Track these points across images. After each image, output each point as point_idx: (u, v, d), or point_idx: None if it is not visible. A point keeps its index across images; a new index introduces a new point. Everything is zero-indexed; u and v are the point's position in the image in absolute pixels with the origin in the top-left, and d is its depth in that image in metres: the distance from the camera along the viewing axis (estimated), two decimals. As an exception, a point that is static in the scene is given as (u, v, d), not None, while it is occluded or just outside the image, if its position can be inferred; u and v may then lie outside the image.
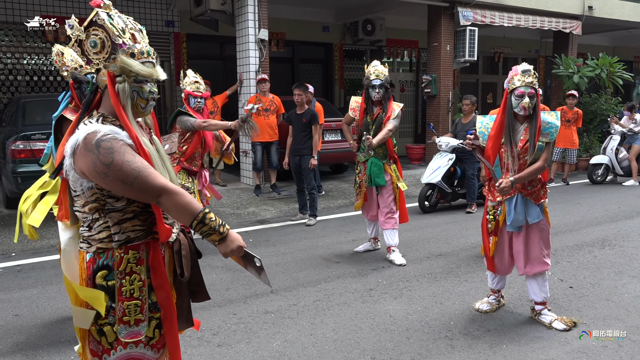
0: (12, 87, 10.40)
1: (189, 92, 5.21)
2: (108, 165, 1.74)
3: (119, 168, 1.75)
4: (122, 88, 1.87)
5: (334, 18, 13.23)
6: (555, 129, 3.53)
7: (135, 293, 1.90)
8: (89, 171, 1.77)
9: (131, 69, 1.87)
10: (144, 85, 1.92)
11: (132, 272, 1.89)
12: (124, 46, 1.87)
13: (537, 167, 3.49)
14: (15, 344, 3.47)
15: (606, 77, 11.64)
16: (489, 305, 3.93)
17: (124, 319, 1.89)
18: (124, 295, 1.89)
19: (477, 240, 5.91)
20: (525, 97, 3.45)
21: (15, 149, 6.59)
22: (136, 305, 1.90)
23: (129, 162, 1.76)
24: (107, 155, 1.75)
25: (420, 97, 14.80)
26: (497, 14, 11.67)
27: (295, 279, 4.67)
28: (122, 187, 1.78)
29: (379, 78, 4.97)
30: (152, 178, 1.79)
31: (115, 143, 1.78)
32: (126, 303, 1.89)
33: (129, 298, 1.89)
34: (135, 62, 1.88)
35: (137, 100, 1.92)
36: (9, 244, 5.87)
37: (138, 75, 1.89)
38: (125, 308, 1.88)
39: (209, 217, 1.85)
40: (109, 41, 1.86)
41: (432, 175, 7.35)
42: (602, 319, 3.73)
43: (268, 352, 3.31)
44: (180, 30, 11.23)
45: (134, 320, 1.90)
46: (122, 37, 1.87)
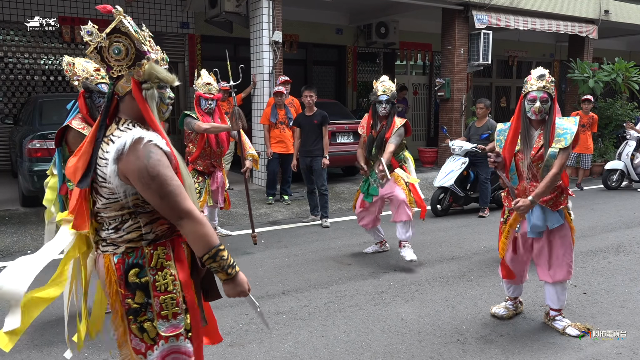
0: (29, 87, 10.55)
1: (200, 94, 5.25)
2: (153, 178, 1.78)
3: (161, 182, 1.78)
4: (151, 94, 1.90)
5: (347, 20, 13.26)
6: (571, 135, 3.43)
7: (169, 287, 1.92)
8: (133, 178, 1.79)
9: (158, 75, 1.90)
10: (164, 91, 1.96)
11: (162, 267, 1.92)
12: (149, 53, 1.90)
13: (552, 176, 3.38)
14: (31, 340, 3.52)
15: (622, 82, 11.52)
16: (505, 310, 3.86)
17: (162, 314, 1.91)
18: (159, 290, 1.91)
19: (489, 245, 5.88)
20: (537, 102, 3.41)
21: (32, 147, 6.68)
22: (172, 298, 1.92)
23: (170, 178, 1.81)
24: (155, 168, 1.78)
25: (433, 100, 14.76)
26: (512, 17, 11.60)
27: (307, 281, 4.68)
28: (155, 200, 1.82)
29: (386, 94, 4.99)
30: (182, 199, 1.83)
31: (162, 155, 1.82)
32: (162, 297, 1.91)
33: (164, 292, 1.92)
34: (161, 69, 1.92)
35: (160, 106, 1.96)
36: (25, 242, 5.95)
37: (162, 81, 1.92)
38: (162, 302, 1.91)
39: (221, 255, 1.87)
40: (133, 48, 1.87)
41: (445, 179, 7.33)
42: (616, 326, 3.69)
43: (279, 352, 3.32)
44: (195, 31, 11.32)
45: (171, 314, 1.92)
46: (146, 44, 1.90)
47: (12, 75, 10.42)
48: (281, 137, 7.86)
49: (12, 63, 10.38)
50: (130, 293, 1.90)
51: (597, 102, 11.55)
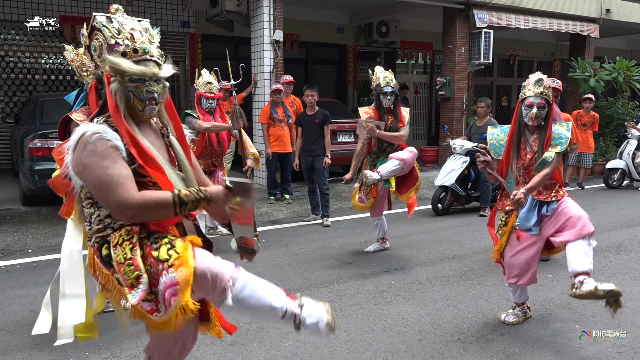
0: (30, 86, 10.56)
1: (201, 93, 5.25)
2: (85, 167, 1.79)
3: (92, 171, 1.78)
4: (113, 88, 1.89)
5: (348, 19, 13.25)
6: (566, 140, 3.46)
7: (127, 254, 1.87)
8: (74, 169, 1.84)
9: (119, 68, 1.86)
10: (140, 85, 1.90)
11: (123, 241, 1.89)
12: (118, 46, 1.88)
13: (544, 174, 3.40)
14: (32, 338, 3.52)
15: (623, 81, 11.50)
16: (515, 317, 3.77)
17: (128, 284, 1.85)
18: (120, 263, 1.87)
19: (490, 244, 5.84)
20: (534, 108, 3.41)
21: (32, 147, 6.69)
22: (129, 265, 1.86)
23: (105, 168, 1.78)
24: (88, 157, 1.79)
25: (434, 99, 14.75)
26: (513, 16, 11.59)
27: (308, 280, 4.68)
28: (95, 192, 1.83)
29: (390, 85, 4.99)
30: (120, 189, 1.78)
31: (101, 145, 1.80)
32: (122, 269, 1.86)
33: (123, 263, 1.87)
34: (123, 61, 1.87)
35: (134, 101, 1.91)
36: (26, 241, 5.95)
37: (129, 74, 1.88)
38: (124, 274, 1.86)
39: (184, 195, 1.85)
40: (105, 43, 1.88)
41: (446, 178, 7.32)
42: (617, 325, 3.68)
43: (280, 351, 3.32)
44: (196, 31, 11.33)
45: (134, 279, 1.85)
46: (115, 37, 1.88)
47: (13, 75, 10.42)
48: (279, 136, 7.84)
49: (13, 62, 10.39)
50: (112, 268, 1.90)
51: (598, 101, 11.54)
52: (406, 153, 5.00)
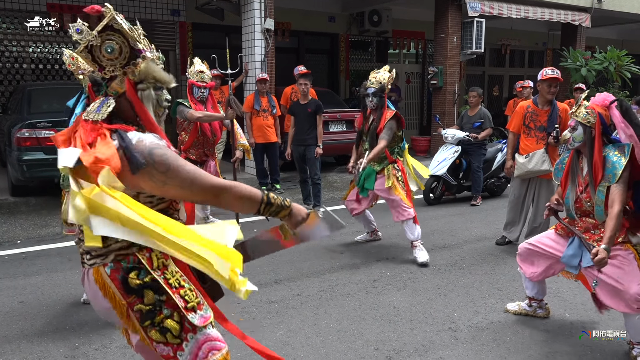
0: (17, 75, 10.42)
1: (193, 82, 5.20)
2: (165, 173, 1.69)
3: (176, 174, 1.71)
4: (147, 95, 1.81)
5: (340, 8, 13.16)
6: (620, 169, 2.89)
7: (181, 282, 1.86)
8: (143, 181, 1.70)
9: (155, 75, 1.81)
10: (160, 92, 1.87)
11: (165, 265, 1.84)
12: (143, 52, 1.80)
13: (615, 215, 2.84)
14: (21, 330, 3.49)
15: (614, 71, 11.56)
16: (517, 307, 3.72)
17: (188, 307, 1.82)
18: (174, 286, 1.83)
19: (481, 233, 5.90)
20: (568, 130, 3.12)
21: (20, 136, 6.61)
22: (190, 290, 1.86)
23: (183, 166, 1.73)
24: (163, 163, 1.69)
25: (426, 88, 14.74)
26: (505, 5, 11.57)
27: (299, 270, 4.67)
28: (180, 192, 1.75)
29: (373, 86, 4.78)
30: (207, 179, 1.77)
31: (166, 149, 1.73)
32: (182, 292, 1.83)
33: (180, 287, 1.84)
34: (159, 69, 1.83)
35: (156, 109, 1.87)
36: (15, 232, 5.90)
37: (159, 82, 1.83)
38: (184, 296, 1.83)
39: (272, 196, 1.88)
40: (127, 46, 1.77)
41: (438, 167, 7.33)
42: (607, 314, 3.70)
43: (272, 341, 3.31)
44: (186, 19, 11.20)
45: (196, 304, 1.85)
46: (140, 42, 1.80)
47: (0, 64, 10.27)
48: (260, 125, 7.79)
49: (0, 51, 10.23)
50: (138, 297, 1.77)
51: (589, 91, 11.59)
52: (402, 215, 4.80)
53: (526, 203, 5.25)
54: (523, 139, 5.09)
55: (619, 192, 2.89)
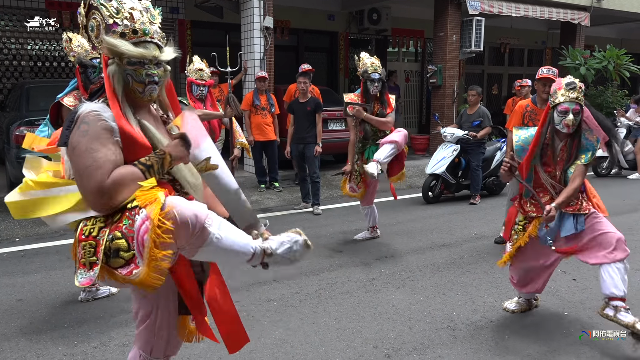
0: (15, 73, 10.39)
1: (192, 80, 5.19)
2: (74, 149, 1.72)
3: (79, 154, 1.71)
4: (111, 70, 1.81)
5: (339, 6, 13.14)
6: (592, 153, 3.21)
7: (94, 233, 1.76)
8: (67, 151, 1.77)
9: (116, 50, 1.79)
10: (139, 67, 1.83)
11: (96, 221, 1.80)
12: (116, 26, 1.79)
13: (574, 187, 3.15)
14: (19, 328, 3.49)
15: (613, 70, 11.56)
16: (517, 305, 3.75)
17: (81, 262, 1.75)
18: (83, 234, 1.77)
19: (480, 232, 5.90)
20: (570, 114, 3.16)
21: (19, 134, 6.59)
22: (91, 245, 1.75)
23: (92, 150, 1.70)
24: (79, 138, 1.72)
25: (425, 87, 14.73)
26: (505, 4, 11.56)
27: (298, 267, 4.66)
28: (77, 178, 1.75)
29: (377, 72, 4.94)
30: (99, 172, 1.69)
31: (94, 125, 1.73)
32: (82, 244, 1.76)
33: (86, 238, 1.76)
34: (121, 42, 1.79)
35: (132, 84, 1.84)
36: (13, 229, 5.89)
37: (127, 56, 1.80)
38: (82, 249, 1.75)
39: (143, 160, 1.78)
40: (103, 23, 1.80)
41: (437, 166, 7.33)
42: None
43: (270, 339, 3.31)
44: (185, 17, 11.18)
45: (88, 263, 1.74)
46: (114, 17, 1.79)
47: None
48: (259, 124, 7.79)
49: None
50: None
51: (588, 90, 11.59)
52: (396, 135, 4.92)
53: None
54: None
55: (582, 171, 3.21)
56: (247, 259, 1.84)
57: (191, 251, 1.76)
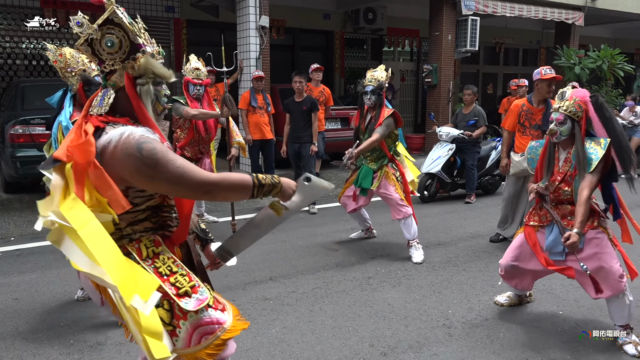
0: (10, 72, 10.35)
1: (189, 79, 5.19)
2: (154, 167, 1.66)
3: (164, 169, 1.67)
4: (146, 90, 1.80)
5: (335, 6, 13.15)
6: (596, 160, 3.08)
7: (173, 268, 1.84)
8: (130, 175, 1.68)
9: (155, 70, 1.80)
10: (160, 88, 1.86)
11: (155, 254, 1.84)
12: (143, 46, 1.79)
13: (585, 200, 3.02)
14: (15, 327, 3.48)
15: (607, 69, 11.62)
16: (507, 299, 3.81)
17: (180, 293, 1.80)
18: (164, 274, 1.82)
19: (475, 230, 5.93)
20: (552, 124, 3.18)
21: (14, 133, 6.58)
22: (181, 275, 1.84)
23: (172, 161, 1.69)
24: (151, 158, 1.66)
25: (420, 86, 14.76)
26: (500, 3, 11.61)
27: (294, 267, 4.68)
28: (169, 188, 1.73)
29: (371, 84, 4.77)
30: (197, 174, 1.73)
31: (156, 144, 1.70)
32: (172, 279, 1.82)
33: (171, 274, 1.83)
34: (158, 63, 1.82)
35: (155, 105, 1.86)
36: (8, 229, 5.87)
37: (158, 77, 1.82)
38: (174, 283, 1.81)
39: (261, 177, 1.84)
40: (127, 41, 1.77)
41: (432, 165, 7.35)
42: (599, 309, 3.75)
43: (267, 338, 3.32)
44: (181, 16, 11.16)
45: (189, 288, 1.82)
46: (141, 37, 1.79)
47: (-7, 60, 10.21)
48: (256, 123, 7.78)
49: (-7, 47, 10.17)
50: None
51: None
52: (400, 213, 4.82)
53: (520, 201, 5.28)
54: (518, 137, 5.12)
55: (590, 181, 3.07)
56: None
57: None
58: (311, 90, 7.94)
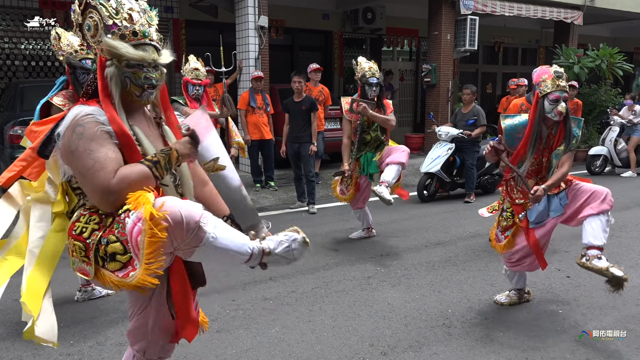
0: (9, 72, 10.34)
1: (188, 79, 5.19)
2: (72, 152, 1.69)
3: (79, 156, 1.68)
4: (109, 73, 1.78)
5: (334, 5, 13.14)
6: (576, 140, 3.41)
7: (85, 233, 1.79)
8: (62, 155, 1.74)
9: (116, 52, 1.76)
10: (138, 70, 1.80)
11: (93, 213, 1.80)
12: (115, 27, 1.75)
13: (564, 173, 3.35)
14: (15, 328, 3.48)
15: (606, 68, 11.61)
16: (507, 298, 3.83)
17: (73, 253, 1.82)
18: (75, 230, 1.81)
19: (475, 230, 5.93)
20: (561, 102, 3.29)
21: (13, 134, 6.57)
22: (81, 248, 1.80)
23: (90, 151, 1.68)
24: (76, 141, 1.69)
25: (419, 86, 14.76)
26: (499, 3, 11.61)
27: (294, 266, 4.62)
28: (80, 180, 1.74)
29: (375, 76, 4.97)
30: (102, 172, 1.68)
31: (90, 128, 1.71)
32: (73, 241, 1.81)
33: (77, 236, 1.80)
34: (122, 45, 1.76)
35: (130, 87, 1.81)
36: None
37: (127, 59, 1.78)
38: (73, 245, 1.80)
39: (150, 157, 1.78)
40: (101, 23, 1.76)
41: (431, 165, 7.36)
42: (598, 308, 3.75)
43: (267, 338, 3.33)
44: (179, 16, 11.15)
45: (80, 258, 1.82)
46: (113, 17, 1.75)
47: (-8, 61, 10.20)
48: (255, 123, 7.79)
49: (-8, 48, 10.16)
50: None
51: (581, 88, 11.64)
52: (402, 155, 4.94)
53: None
54: None
55: (570, 156, 3.39)
56: (244, 259, 1.82)
57: (187, 252, 1.74)
58: (310, 90, 7.94)
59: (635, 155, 9.72)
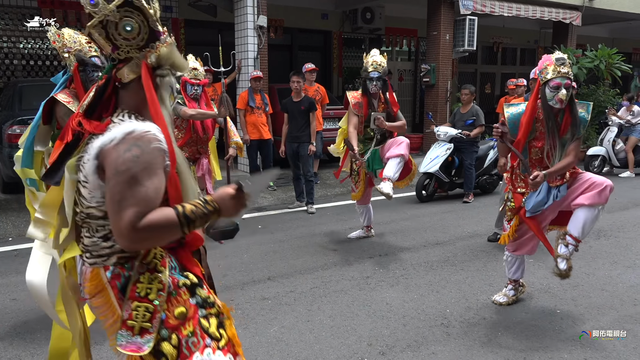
0: (7, 72, 10.33)
1: (186, 79, 5.18)
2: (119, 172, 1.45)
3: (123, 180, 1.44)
4: (167, 82, 1.61)
5: (333, 5, 13.15)
6: (584, 124, 3.38)
7: (151, 295, 1.57)
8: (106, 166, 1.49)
9: (175, 61, 1.63)
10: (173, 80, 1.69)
11: (153, 270, 1.59)
12: (163, 35, 1.62)
13: (568, 163, 3.33)
14: (13, 327, 3.49)
15: (605, 69, 11.63)
16: (505, 297, 3.84)
17: (128, 323, 1.55)
18: (137, 293, 1.56)
19: (473, 230, 5.94)
20: (562, 89, 3.25)
21: (12, 133, 6.57)
22: (147, 309, 1.56)
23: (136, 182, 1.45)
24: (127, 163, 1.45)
25: (418, 86, 14.77)
26: (497, 3, 11.62)
27: (293, 266, 4.69)
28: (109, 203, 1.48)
29: (377, 70, 4.92)
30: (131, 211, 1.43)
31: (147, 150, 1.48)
32: (135, 304, 1.56)
33: (141, 299, 1.56)
34: (179, 54, 1.65)
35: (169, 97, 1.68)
36: (6, 229, 5.86)
37: (176, 68, 1.65)
38: (134, 309, 1.55)
39: (188, 210, 1.51)
40: (146, 27, 1.58)
41: (430, 165, 7.36)
42: (596, 308, 3.76)
43: (265, 337, 3.33)
44: (178, 15, 11.15)
45: (139, 328, 1.55)
46: (160, 24, 1.63)
47: (-10, 60, 10.19)
48: (254, 123, 7.79)
49: (-10, 47, 10.15)
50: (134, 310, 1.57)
51: (580, 89, 11.66)
52: (401, 147, 4.89)
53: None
54: None
55: (576, 148, 3.36)
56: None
57: None
58: (306, 90, 7.94)
59: (634, 156, 9.74)
